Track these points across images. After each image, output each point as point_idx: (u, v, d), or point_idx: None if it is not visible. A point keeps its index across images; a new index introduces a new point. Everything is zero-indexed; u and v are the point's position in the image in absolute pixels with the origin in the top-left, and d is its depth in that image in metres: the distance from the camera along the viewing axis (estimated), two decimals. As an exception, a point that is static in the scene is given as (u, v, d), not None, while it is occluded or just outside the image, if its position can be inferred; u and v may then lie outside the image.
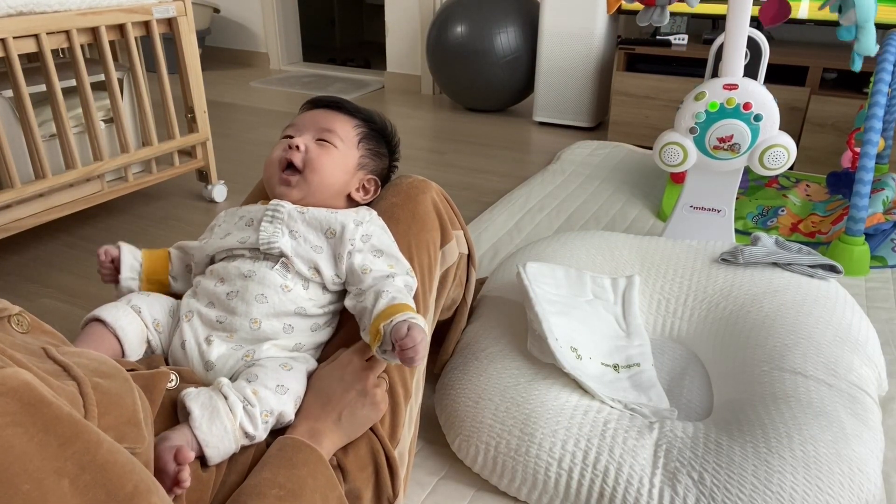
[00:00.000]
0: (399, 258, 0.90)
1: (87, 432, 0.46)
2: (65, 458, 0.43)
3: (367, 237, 0.89)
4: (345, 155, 0.95)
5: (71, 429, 0.45)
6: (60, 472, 0.43)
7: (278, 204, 0.90)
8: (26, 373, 0.45)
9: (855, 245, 1.59)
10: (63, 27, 1.59)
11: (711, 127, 1.41)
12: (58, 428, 0.44)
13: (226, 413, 0.72)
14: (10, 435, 0.41)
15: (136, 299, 0.86)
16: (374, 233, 0.90)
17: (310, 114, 0.99)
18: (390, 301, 0.81)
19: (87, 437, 0.45)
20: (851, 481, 0.85)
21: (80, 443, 0.45)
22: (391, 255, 0.90)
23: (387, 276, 0.86)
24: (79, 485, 0.43)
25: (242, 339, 0.83)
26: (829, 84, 2.39)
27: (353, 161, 0.97)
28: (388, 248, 0.90)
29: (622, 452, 0.90)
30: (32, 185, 1.62)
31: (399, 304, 0.81)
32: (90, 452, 0.45)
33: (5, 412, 0.42)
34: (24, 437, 0.42)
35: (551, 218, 1.94)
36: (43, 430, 0.43)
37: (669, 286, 1.27)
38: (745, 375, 1.05)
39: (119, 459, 0.46)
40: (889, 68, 1.61)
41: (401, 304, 0.80)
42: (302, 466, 0.72)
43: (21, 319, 0.56)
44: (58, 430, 0.44)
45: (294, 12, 4.13)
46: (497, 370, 1.04)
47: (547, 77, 2.89)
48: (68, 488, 0.43)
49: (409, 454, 0.91)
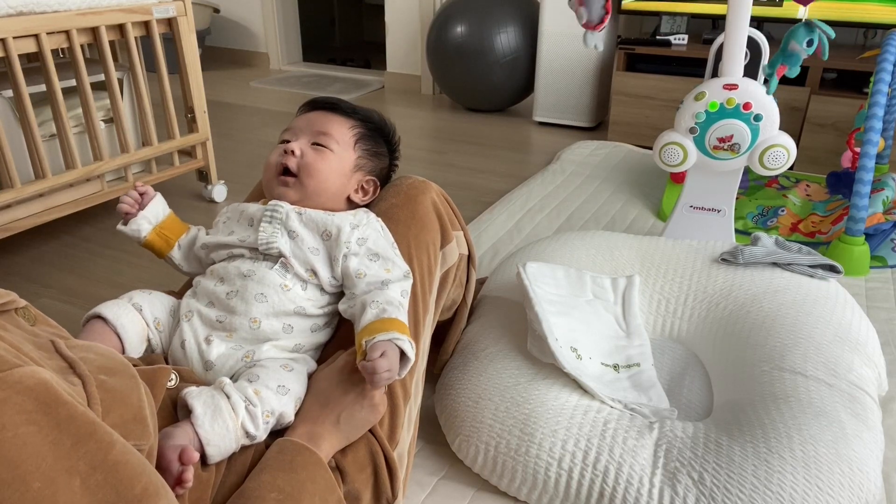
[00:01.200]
0: (395, 261, 0.90)
1: (101, 432, 0.46)
2: (77, 458, 0.44)
3: (362, 240, 0.89)
4: (340, 158, 0.95)
5: (85, 428, 0.45)
6: (72, 471, 0.43)
7: (277, 204, 0.90)
8: (44, 371, 0.46)
9: (855, 245, 1.59)
10: (63, 27, 1.59)
11: (711, 127, 1.41)
12: (72, 427, 0.44)
13: (228, 412, 0.72)
14: (24, 433, 0.42)
15: (137, 297, 0.86)
16: (371, 236, 0.90)
17: (306, 116, 0.98)
18: (378, 315, 0.81)
19: (100, 437, 0.46)
20: (851, 481, 0.85)
21: (92, 442, 0.45)
22: (387, 258, 0.89)
23: (381, 282, 0.85)
24: (89, 484, 0.44)
25: (242, 338, 0.83)
26: (829, 84, 2.39)
27: (349, 163, 0.96)
28: (385, 250, 0.90)
29: (622, 452, 0.90)
30: (32, 185, 1.62)
31: (387, 319, 0.80)
32: (102, 452, 0.45)
33: (22, 410, 0.42)
34: (38, 436, 0.43)
35: (551, 218, 1.94)
36: (57, 429, 0.44)
37: (669, 286, 1.27)
38: (745, 375, 1.05)
39: (130, 460, 0.47)
40: (889, 68, 1.61)
41: (388, 320, 0.80)
42: (301, 470, 0.72)
43: (27, 313, 0.56)
44: (72, 430, 0.44)
45: (294, 12, 4.13)
46: (497, 370, 1.04)
47: (547, 77, 2.88)
48: (79, 487, 0.43)
49: (408, 455, 0.91)
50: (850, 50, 2.50)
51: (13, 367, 0.44)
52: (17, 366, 0.44)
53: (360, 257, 0.87)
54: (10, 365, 0.44)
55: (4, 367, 0.43)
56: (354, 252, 0.88)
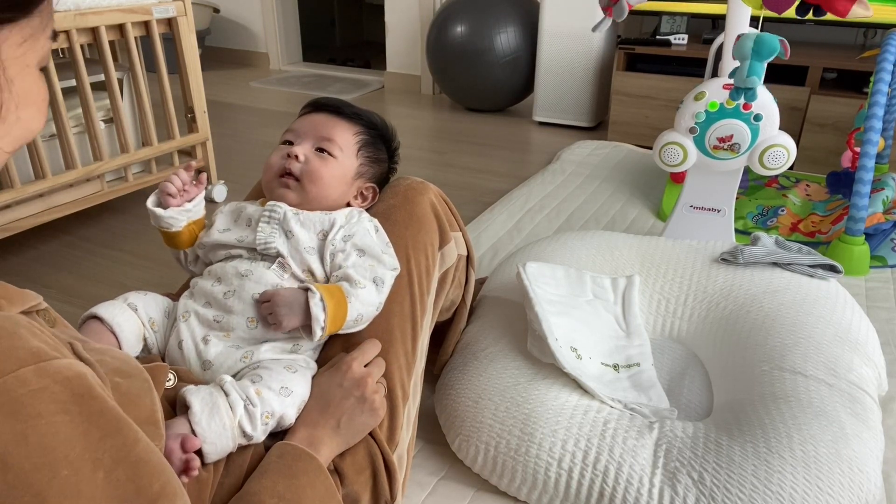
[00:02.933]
0: (382, 258, 0.89)
1: (128, 429, 0.47)
2: (103, 451, 0.45)
3: (347, 237, 0.89)
4: (344, 165, 0.95)
5: (114, 423, 0.47)
6: (97, 463, 0.44)
7: (275, 205, 0.90)
8: (82, 364, 0.48)
9: (855, 245, 1.58)
10: (63, 27, 1.59)
11: (711, 127, 1.41)
12: (101, 421, 0.46)
13: (226, 410, 0.72)
14: (58, 422, 0.43)
15: (132, 297, 0.86)
16: (357, 232, 0.90)
17: (310, 119, 0.97)
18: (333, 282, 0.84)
19: (126, 434, 0.47)
20: (851, 481, 0.85)
21: (119, 437, 0.46)
22: (374, 255, 0.89)
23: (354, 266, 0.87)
24: (112, 478, 0.45)
25: (239, 337, 0.83)
26: (829, 84, 2.39)
27: (351, 171, 0.96)
28: (371, 248, 0.89)
29: (622, 452, 0.90)
30: (32, 185, 1.62)
31: (333, 285, 0.84)
32: (127, 448, 0.47)
33: (57, 399, 0.44)
34: (70, 426, 0.44)
35: (551, 218, 1.94)
36: (87, 421, 0.45)
37: (669, 286, 1.27)
38: (745, 375, 1.05)
39: (152, 459, 0.48)
40: (889, 68, 1.61)
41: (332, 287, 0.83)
42: (301, 475, 0.72)
43: (48, 315, 0.57)
44: (101, 423, 0.46)
45: (294, 12, 4.13)
46: (497, 370, 1.04)
47: (547, 77, 2.88)
48: (102, 480, 0.44)
49: (407, 455, 0.91)
50: (850, 50, 2.50)
51: (53, 357, 0.45)
52: (57, 357, 0.46)
53: (345, 253, 0.88)
54: (50, 356, 0.45)
55: (45, 357, 0.45)
56: (340, 249, 0.88)
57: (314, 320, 0.79)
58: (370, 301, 0.85)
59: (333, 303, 0.81)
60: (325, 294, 0.80)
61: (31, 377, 0.43)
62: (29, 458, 0.42)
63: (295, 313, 0.80)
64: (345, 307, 0.82)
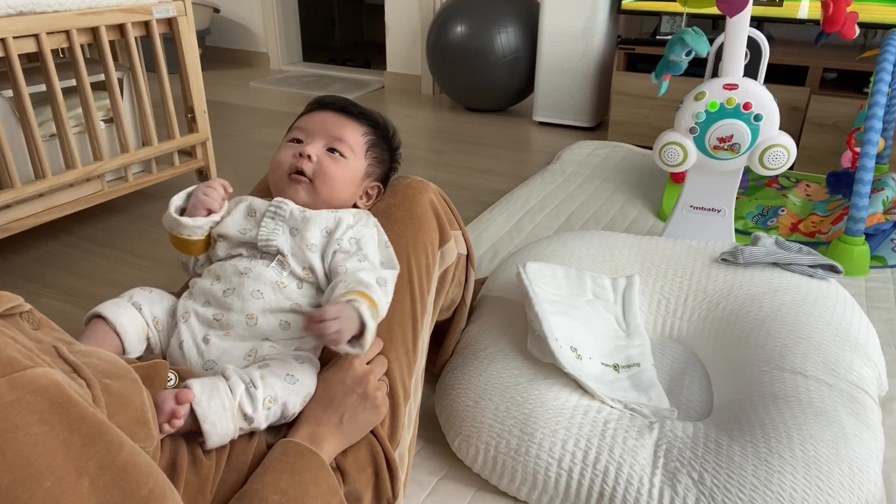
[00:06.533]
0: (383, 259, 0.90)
1: (111, 434, 0.47)
2: (87, 458, 0.44)
3: (354, 240, 0.89)
4: (354, 166, 0.95)
5: (95, 429, 0.46)
6: (81, 471, 0.44)
7: (281, 202, 0.90)
8: (57, 372, 0.46)
9: (855, 245, 1.58)
10: (63, 27, 1.59)
11: (711, 127, 1.41)
12: (82, 428, 0.45)
13: (225, 391, 0.72)
14: (36, 433, 0.43)
15: (137, 296, 0.86)
16: (364, 236, 0.90)
17: (319, 117, 0.96)
18: (348, 289, 0.79)
19: (109, 439, 0.46)
20: (851, 481, 0.85)
21: (102, 444, 0.46)
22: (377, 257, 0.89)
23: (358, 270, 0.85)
24: (98, 485, 0.44)
25: (239, 335, 0.83)
26: (829, 84, 2.39)
27: (361, 171, 0.96)
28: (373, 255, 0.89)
29: (622, 452, 0.90)
30: (32, 185, 1.62)
31: (354, 292, 0.79)
32: (111, 453, 0.46)
33: (34, 410, 0.43)
34: (49, 436, 0.43)
35: (551, 218, 1.94)
36: (68, 430, 0.44)
37: (669, 286, 1.27)
38: (745, 375, 1.05)
39: (139, 462, 0.47)
40: (889, 68, 1.61)
41: (355, 292, 0.79)
42: (304, 472, 0.72)
43: (31, 317, 0.57)
44: (82, 430, 0.45)
45: (294, 12, 4.13)
46: (497, 370, 1.04)
47: (547, 77, 2.88)
48: (87, 488, 0.44)
49: (408, 454, 0.91)
50: (850, 50, 2.50)
51: (26, 367, 0.44)
52: (30, 367, 0.45)
53: (350, 255, 0.87)
54: (23, 366, 0.44)
55: (18, 368, 0.44)
56: (345, 250, 0.88)
57: (367, 330, 0.77)
58: (386, 303, 0.85)
59: (376, 311, 0.80)
60: (369, 303, 0.79)
61: (3, 390, 0.42)
62: (9, 472, 0.41)
63: (349, 326, 0.76)
64: (377, 312, 0.81)
